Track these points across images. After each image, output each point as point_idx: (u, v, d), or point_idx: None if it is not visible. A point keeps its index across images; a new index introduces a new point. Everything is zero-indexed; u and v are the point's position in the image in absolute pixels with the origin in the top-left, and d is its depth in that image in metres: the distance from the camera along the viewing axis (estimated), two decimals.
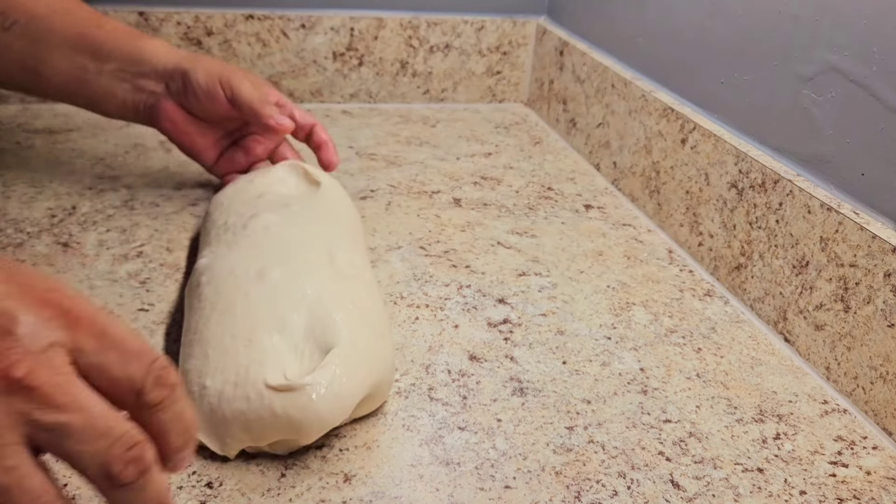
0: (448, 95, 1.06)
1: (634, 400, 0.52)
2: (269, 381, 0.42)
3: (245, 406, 0.42)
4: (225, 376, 0.43)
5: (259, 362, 0.43)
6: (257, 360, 0.43)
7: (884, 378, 0.51)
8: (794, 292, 0.58)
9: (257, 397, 0.42)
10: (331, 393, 0.42)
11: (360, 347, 0.45)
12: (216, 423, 0.43)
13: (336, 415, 0.43)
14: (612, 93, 0.85)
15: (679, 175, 0.73)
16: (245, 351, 0.44)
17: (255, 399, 0.42)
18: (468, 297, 0.62)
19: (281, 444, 0.44)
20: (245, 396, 0.42)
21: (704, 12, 0.71)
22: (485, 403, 0.50)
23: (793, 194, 0.58)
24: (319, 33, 0.97)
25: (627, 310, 0.62)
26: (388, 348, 0.48)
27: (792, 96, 0.61)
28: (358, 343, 0.45)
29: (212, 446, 0.43)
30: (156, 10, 0.92)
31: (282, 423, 0.42)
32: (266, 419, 0.42)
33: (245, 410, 0.42)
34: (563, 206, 0.79)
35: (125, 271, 0.61)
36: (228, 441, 0.43)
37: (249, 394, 0.42)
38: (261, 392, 0.42)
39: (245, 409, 0.42)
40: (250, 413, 0.42)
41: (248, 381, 0.43)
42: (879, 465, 0.48)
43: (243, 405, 0.42)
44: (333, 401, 0.42)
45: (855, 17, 0.54)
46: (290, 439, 0.43)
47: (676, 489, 0.45)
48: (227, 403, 0.42)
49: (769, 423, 0.51)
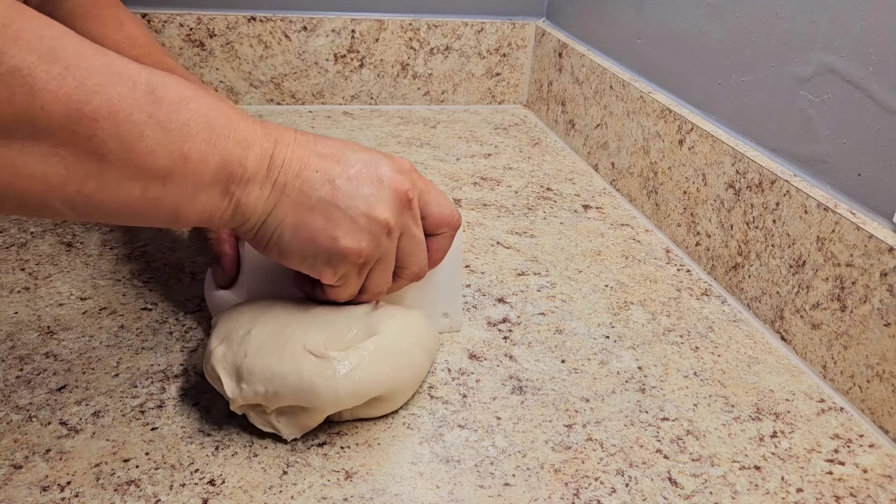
0: (448, 97, 1.07)
1: (632, 398, 0.52)
2: (307, 344, 0.45)
3: (276, 361, 0.44)
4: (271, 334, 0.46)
5: (305, 331, 0.46)
6: (304, 329, 0.46)
7: (880, 376, 0.51)
8: (791, 291, 0.59)
9: (291, 356, 0.44)
10: (354, 374, 0.44)
11: (396, 348, 0.47)
12: (243, 369, 0.44)
13: (351, 397, 0.45)
14: (611, 94, 0.85)
15: (677, 175, 0.73)
16: (298, 320, 0.47)
17: (287, 357, 0.44)
18: (468, 297, 0.62)
19: (288, 417, 0.45)
20: (280, 352, 0.44)
21: (702, 14, 0.72)
22: (484, 402, 0.51)
23: (789, 194, 0.59)
24: (321, 35, 0.98)
25: (625, 309, 0.62)
26: (423, 365, 0.50)
27: (789, 97, 0.61)
28: (397, 343, 0.47)
29: (227, 388, 0.45)
30: (158, 12, 0.92)
31: (302, 388, 0.44)
32: (290, 378, 0.44)
33: (274, 365, 0.44)
34: (562, 207, 0.79)
35: (128, 271, 0.62)
36: (244, 388, 0.44)
37: (284, 350, 0.44)
38: (296, 352, 0.44)
39: (274, 364, 0.44)
40: (278, 367, 0.44)
41: (288, 341, 0.45)
42: (876, 462, 0.49)
43: (274, 360, 0.44)
44: (353, 384, 0.44)
45: (851, 19, 0.55)
46: (301, 409, 0.45)
47: (674, 487, 0.45)
48: (261, 356, 0.44)
49: (766, 421, 0.51)
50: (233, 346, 0.46)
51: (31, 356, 0.51)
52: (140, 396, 0.48)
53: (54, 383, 0.49)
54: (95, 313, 0.56)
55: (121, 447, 0.44)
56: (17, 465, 0.43)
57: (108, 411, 0.47)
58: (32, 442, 0.44)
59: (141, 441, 0.45)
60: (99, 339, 0.54)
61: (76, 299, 0.58)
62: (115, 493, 0.41)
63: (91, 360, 0.51)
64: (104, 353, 0.52)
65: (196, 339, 0.54)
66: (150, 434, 0.46)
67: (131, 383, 0.50)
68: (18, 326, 0.54)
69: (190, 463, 0.44)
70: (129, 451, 0.44)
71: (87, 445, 0.44)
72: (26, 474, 0.42)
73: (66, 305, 0.57)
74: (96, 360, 0.51)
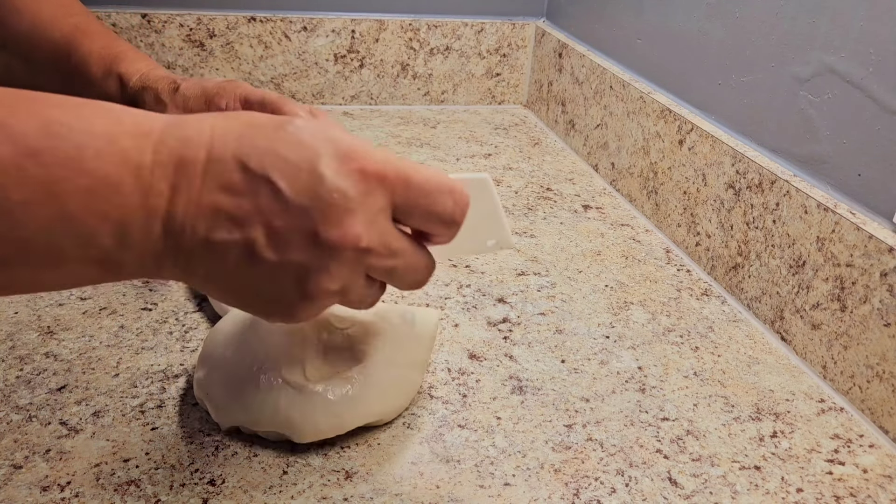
0: (448, 97, 1.07)
1: (632, 398, 0.52)
2: (284, 372, 0.43)
3: (252, 391, 0.43)
4: (246, 358, 0.44)
5: (284, 354, 0.44)
6: (283, 352, 0.44)
7: (880, 377, 0.51)
8: (791, 292, 0.59)
9: (266, 386, 0.43)
10: (335, 408, 0.43)
11: (385, 375, 0.45)
12: (220, 399, 0.44)
13: (332, 429, 0.44)
14: (611, 94, 0.85)
15: (677, 175, 0.73)
16: (278, 341, 0.45)
17: (264, 385, 0.43)
18: (468, 297, 0.62)
19: (275, 434, 0.45)
20: (256, 381, 0.43)
21: (702, 14, 0.72)
22: (484, 402, 0.51)
23: (790, 195, 0.59)
24: (321, 35, 0.98)
25: (625, 309, 0.62)
26: (416, 381, 0.48)
27: (789, 97, 0.61)
28: (386, 369, 0.45)
29: (211, 413, 0.45)
30: (158, 12, 0.92)
31: (279, 418, 0.43)
32: (266, 412, 0.43)
33: (249, 396, 0.43)
34: (562, 207, 0.80)
35: None
36: (224, 417, 0.44)
37: (261, 379, 0.43)
38: (271, 383, 0.43)
39: (249, 396, 0.43)
40: (253, 399, 0.43)
41: (264, 365, 0.44)
42: (876, 462, 0.49)
43: (250, 390, 0.43)
44: (334, 418, 0.43)
45: (851, 19, 0.55)
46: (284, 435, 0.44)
47: (674, 486, 0.45)
48: (235, 386, 0.44)
49: (766, 421, 0.51)
50: (212, 373, 0.45)
51: (31, 356, 0.51)
52: (140, 396, 0.48)
53: (54, 383, 0.49)
54: (95, 313, 0.56)
55: (121, 447, 0.44)
56: (17, 465, 0.43)
57: (108, 411, 0.47)
58: (32, 442, 0.44)
59: (141, 441, 0.45)
60: (99, 339, 0.54)
61: (76, 299, 0.58)
62: (115, 493, 0.41)
63: (91, 360, 0.51)
64: (104, 353, 0.52)
65: (196, 340, 0.54)
66: (150, 434, 0.46)
67: (131, 383, 0.50)
68: (18, 326, 0.54)
69: (190, 463, 0.44)
70: (129, 451, 0.44)
71: (87, 445, 0.44)
72: (26, 474, 0.42)
73: (67, 305, 0.57)
74: (96, 360, 0.51)
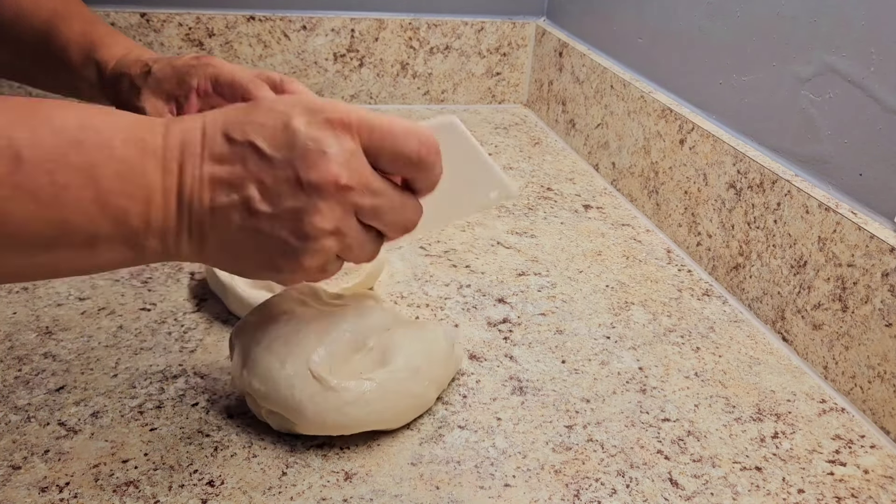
0: (448, 96, 1.06)
1: (633, 399, 0.52)
2: (311, 359, 0.43)
3: (278, 365, 0.43)
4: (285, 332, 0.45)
5: (317, 339, 0.44)
6: (316, 337, 0.45)
7: (881, 377, 0.51)
8: (793, 292, 0.59)
9: (292, 366, 0.43)
10: (346, 409, 0.43)
11: (406, 387, 0.46)
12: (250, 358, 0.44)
13: (337, 427, 0.44)
14: (611, 94, 0.85)
15: (677, 175, 0.73)
16: (314, 326, 0.45)
17: (289, 365, 0.43)
18: (468, 297, 0.62)
19: (277, 417, 0.45)
20: (284, 357, 0.43)
21: (703, 14, 0.72)
22: (484, 402, 0.50)
23: (791, 194, 0.59)
24: (320, 35, 0.98)
25: (626, 309, 0.62)
26: (430, 398, 0.48)
27: (790, 97, 0.61)
28: (408, 382, 0.46)
29: (233, 364, 0.45)
30: (157, 11, 0.92)
31: (291, 405, 0.43)
32: (282, 390, 0.43)
33: (274, 368, 0.43)
34: (563, 207, 0.79)
35: (127, 271, 0.61)
36: (245, 374, 0.44)
37: (289, 357, 0.43)
38: (297, 364, 0.43)
39: (275, 368, 0.43)
40: (277, 373, 0.43)
41: (298, 346, 0.44)
42: (877, 463, 0.48)
43: (276, 363, 0.43)
44: (342, 415, 0.44)
45: (853, 19, 0.55)
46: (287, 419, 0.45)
47: (675, 487, 0.45)
48: (268, 353, 0.44)
49: (767, 421, 0.51)
50: (257, 328, 0.45)
51: (30, 356, 0.51)
52: (139, 397, 0.48)
53: (53, 384, 0.49)
54: (94, 313, 0.56)
55: (119, 448, 0.44)
56: (16, 465, 0.43)
57: (107, 412, 0.47)
58: (31, 442, 0.44)
59: (140, 442, 0.45)
60: (97, 339, 0.53)
61: (75, 299, 0.58)
62: (114, 493, 0.41)
63: (90, 361, 0.51)
64: (103, 353, 0.52)
65: (195, 340, 0.54)
66: (149, 435, 0.45)
67: (130, 384, 0.49)
68: (17, 327, 0.54)
69: (189, 464, 0.44)
70: (128, 452, 0.44)
71: (85, 446, 0.44)
72: (25, 475, 0.42)
73: (65, 306, 0.57)
74: (95, 361, 0.51)
